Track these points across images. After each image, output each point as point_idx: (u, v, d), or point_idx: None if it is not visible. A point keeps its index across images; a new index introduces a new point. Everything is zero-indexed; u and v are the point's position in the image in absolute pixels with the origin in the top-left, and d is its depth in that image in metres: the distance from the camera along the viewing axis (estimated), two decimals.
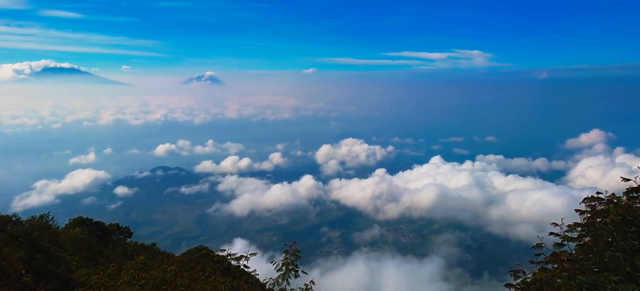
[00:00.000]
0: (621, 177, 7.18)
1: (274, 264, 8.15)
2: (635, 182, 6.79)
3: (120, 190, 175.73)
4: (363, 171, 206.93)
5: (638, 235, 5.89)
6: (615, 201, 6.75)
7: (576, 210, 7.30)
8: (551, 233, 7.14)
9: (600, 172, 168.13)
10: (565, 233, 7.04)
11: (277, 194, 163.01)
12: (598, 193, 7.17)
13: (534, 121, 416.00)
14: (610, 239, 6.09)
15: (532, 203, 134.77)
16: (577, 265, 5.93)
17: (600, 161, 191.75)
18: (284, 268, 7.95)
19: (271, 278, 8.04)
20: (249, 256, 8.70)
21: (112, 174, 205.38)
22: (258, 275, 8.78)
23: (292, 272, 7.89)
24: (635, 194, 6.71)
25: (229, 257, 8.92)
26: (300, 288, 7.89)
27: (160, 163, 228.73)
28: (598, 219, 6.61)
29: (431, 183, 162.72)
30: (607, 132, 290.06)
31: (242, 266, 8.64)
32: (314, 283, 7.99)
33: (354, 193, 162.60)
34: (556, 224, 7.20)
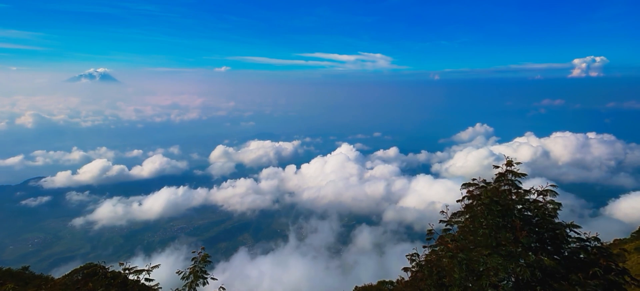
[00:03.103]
0: (493, 165, 8.60)
1: (180, 273, 7.61)
2: (501, 168, 8.18)
3: None
4: (267, 169, 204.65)
5: (502, 213, 7.13)
6: (485, 185, 8.04)
7: (458, 201, 8.49)
8: (441, 221, 8.20)
9: (478, 160, 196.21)
10: (451, 218, 8.15)
11: (177, 200, 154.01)
12: (473, 179, 8.45)
13: (428, 118, 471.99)
14: (482, 220, 7.23)
15: (427, 193, 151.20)
16: (458, 244, 6.91)
17: (479, 150, 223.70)
18: (191, 276, 7.48)
19: (178, 289, 7.49)
20: (150, 268, 7.97)
21: None
22: (161, 288, 8.11)
23: (201, 279, 7.48)
24: (501, 179, 8.08)
25: (126, 272, 8.04)
26: None
27: (33, 174, 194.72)
28: (474, 203, 7.80)
29: (335, 179, 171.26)
30: (485, 125, 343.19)
31: (142, 281, 7.87)
32: (224, 289, 7.69)
33: (257, 191, 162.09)
34: (443, 212, 8.28)
